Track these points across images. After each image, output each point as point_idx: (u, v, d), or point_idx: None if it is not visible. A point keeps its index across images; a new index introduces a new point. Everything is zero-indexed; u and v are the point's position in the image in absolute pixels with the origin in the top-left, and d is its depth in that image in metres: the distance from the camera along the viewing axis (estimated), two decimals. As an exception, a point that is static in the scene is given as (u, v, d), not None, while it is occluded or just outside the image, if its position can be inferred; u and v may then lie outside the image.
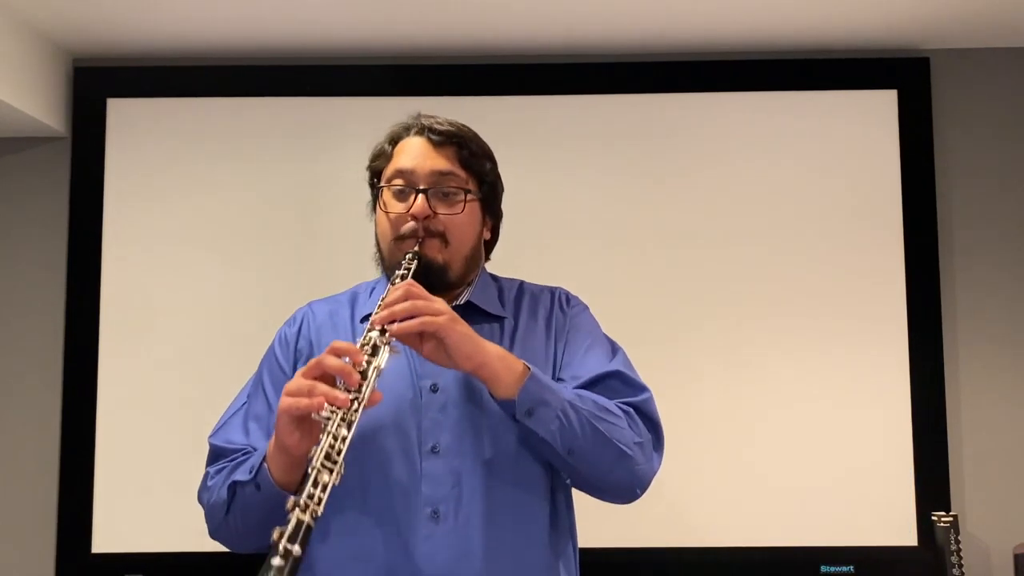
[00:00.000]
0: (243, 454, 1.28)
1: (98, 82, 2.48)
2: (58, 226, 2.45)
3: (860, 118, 2.45)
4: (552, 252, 2.40)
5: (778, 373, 2.38)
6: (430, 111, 1.40)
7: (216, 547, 2.44)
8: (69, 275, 2.42)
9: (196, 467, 2.29)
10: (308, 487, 0.99)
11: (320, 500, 0.99)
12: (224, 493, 1.22)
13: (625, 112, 2.47)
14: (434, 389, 1.26)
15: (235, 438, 1.30)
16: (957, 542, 2.12)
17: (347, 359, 1.11)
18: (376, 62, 2.50)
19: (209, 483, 1.28)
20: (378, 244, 1.37)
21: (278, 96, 2.47)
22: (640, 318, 2.39)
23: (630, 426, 1.25)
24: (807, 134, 2.45)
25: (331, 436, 1.04)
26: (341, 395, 1.08)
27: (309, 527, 0.95)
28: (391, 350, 1.14)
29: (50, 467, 2.38)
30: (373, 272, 1.44)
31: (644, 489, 1.28)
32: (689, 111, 2.47)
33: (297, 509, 0.96)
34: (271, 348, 1.38)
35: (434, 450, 1.23)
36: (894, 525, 2.32)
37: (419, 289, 1.18)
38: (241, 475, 1.21)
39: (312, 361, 1.12)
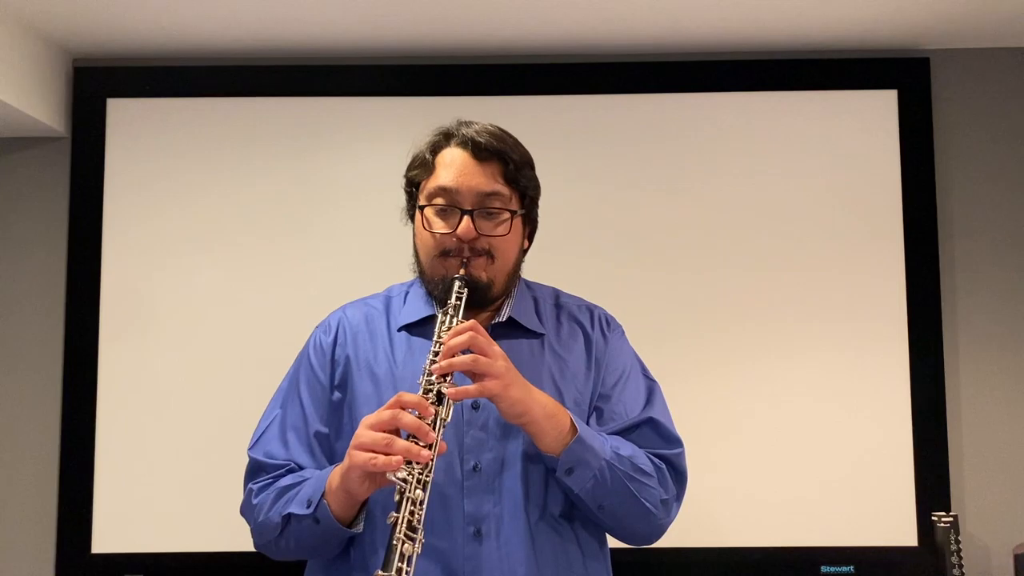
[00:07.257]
0: (286, 470, 1.28)
1: (98, 82, 2.47)
2: (58, 226, 2.44)
3: (860, 118, 2.45)
4: (550, 252, 2.38)
5: (777, 373, 2.38)
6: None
7: (216, 547, 2.45)
8: (69, 275, 2.42)
9: (196, 467, 2.32)
10: (395, 562, 1.03)
11: (408, 573, 1.03)
12: (277, 519, 1.23)
13: (624, 112, 2.46)
14: (475, 407, 1.26)
15: (275, 451, 1.30)
16: (957, 542, 2.12)
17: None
18: (376, 62, 2.50)
19: (255, 500, 1.27)
20: (417, 256, 1.36)
21: (278, 96, 2.47)
22: (638, 319, 2.37)
23: (660, 483, 1.28)
24: (807, 134, 2.45)
25: (409, 502, 1.06)
26: (424, 451, 1.09)
27: None
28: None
29: (50, 467, 2.38)
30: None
31: (659, 538, 1.33)
32: (689, 111, 2.47)
33: None
34: (305, 355, 1.36)
35: (476, 469, 1.23)
36: (894, 525, 2.32)
37: (483, 337, 1.18)
38: (297, 508, 1.21)
39: (386, 414, 1.12)
